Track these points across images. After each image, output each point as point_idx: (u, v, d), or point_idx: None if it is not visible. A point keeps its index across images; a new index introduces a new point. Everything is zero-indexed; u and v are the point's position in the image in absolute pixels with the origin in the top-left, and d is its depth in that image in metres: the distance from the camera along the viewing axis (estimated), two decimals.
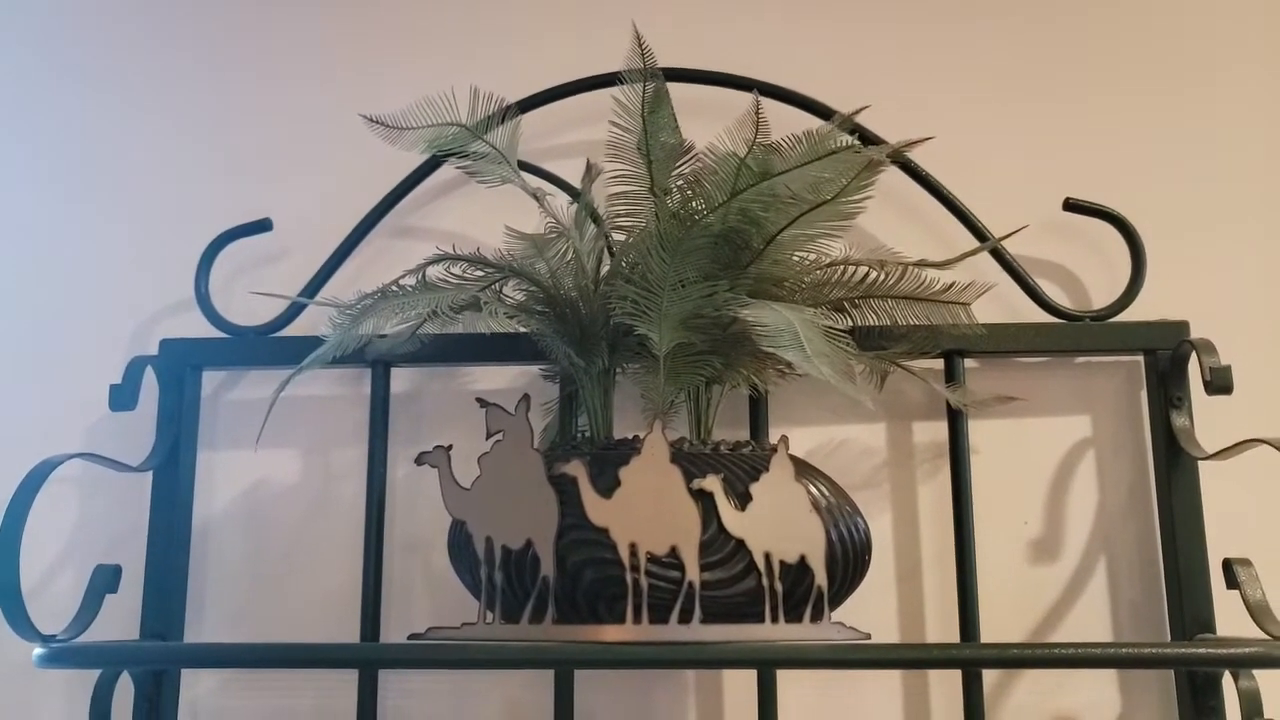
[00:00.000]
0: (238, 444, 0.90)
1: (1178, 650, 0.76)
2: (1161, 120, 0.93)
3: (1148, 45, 0.95)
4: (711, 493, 0.68)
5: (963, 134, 0.92)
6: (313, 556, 0.88)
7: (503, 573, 0.69)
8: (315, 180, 0.95)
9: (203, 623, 0.87)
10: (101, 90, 0.98)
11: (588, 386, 0.76)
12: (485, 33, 0.97)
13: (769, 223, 0.70)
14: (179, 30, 0.99)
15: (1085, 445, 0.88)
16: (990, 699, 0.83)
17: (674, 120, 0.76)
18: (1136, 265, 0.87)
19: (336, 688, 0.84)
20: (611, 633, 0.66)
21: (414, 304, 0.72)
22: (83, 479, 0.89)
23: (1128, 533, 0.86)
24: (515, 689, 0.85)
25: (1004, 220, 0.87)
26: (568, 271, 0.76)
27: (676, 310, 0.70)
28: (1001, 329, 0.85)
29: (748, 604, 0.67)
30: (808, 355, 0.62)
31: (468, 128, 0.74)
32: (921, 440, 0.88)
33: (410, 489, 0.88)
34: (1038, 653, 0.73)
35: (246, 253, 0.91)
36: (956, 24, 0.96)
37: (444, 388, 0.90)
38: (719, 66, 0.90)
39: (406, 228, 0.93)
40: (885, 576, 0.86)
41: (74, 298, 0.94)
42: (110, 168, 0.97)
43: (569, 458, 0.69)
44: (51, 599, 0.87)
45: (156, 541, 0.85)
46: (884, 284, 0.78)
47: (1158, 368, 0.85)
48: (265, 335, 0.88)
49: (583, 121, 0.93)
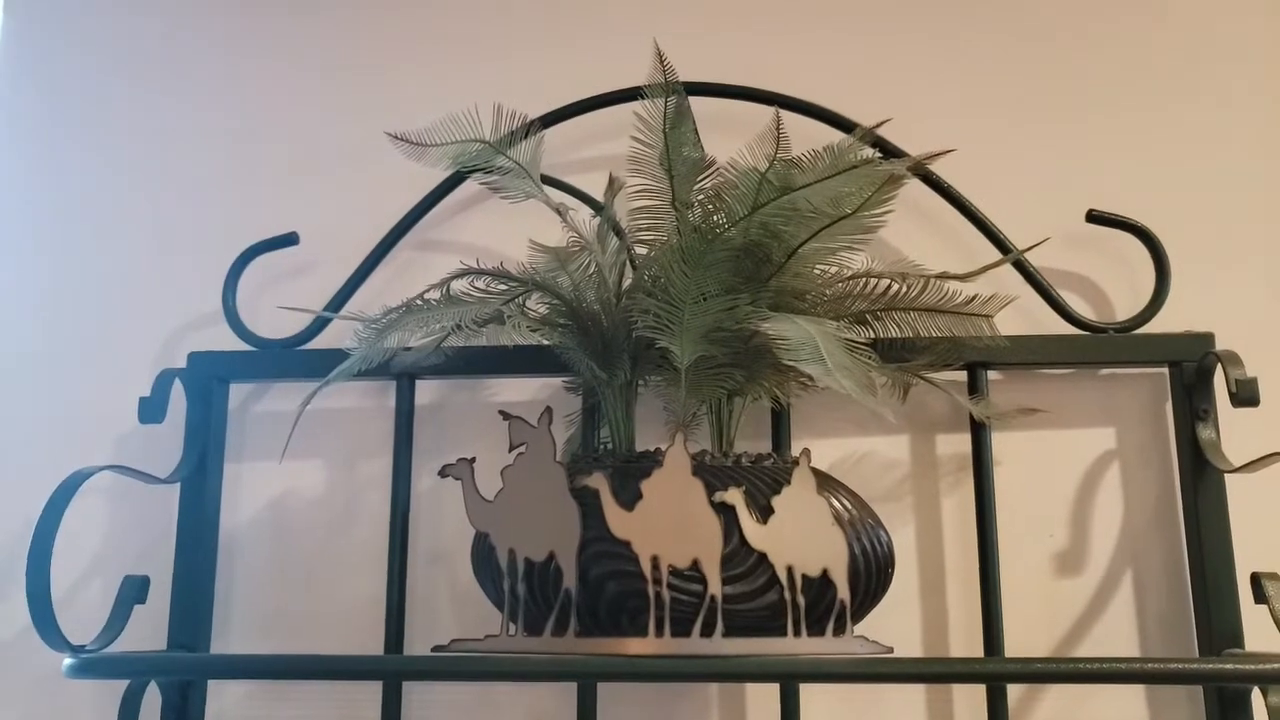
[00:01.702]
0: (264, 456, 0.91)
1: (1207, 666, 0.75)
2: (1185, 131, 0.93)
3: (1170, 57, 0.94)
4: (733, 505, 0.68)
5: (984, 146, 0.92)
6: (337, 568, 0.89)
7: (525, 585, 0.69)
8: (340, 195, 0.96)
9: (229, 633, 0.88)
10: (129, 106, 1.00)
11: (610, 399, 0.77)
12: (509, 48, 0.98)
13: (790, 236, 0.71)
14: (204, 47, 1.00)
15: (1110, 458, 0.87)
16: (1014, 714, 0.82)
17: (695, 134, 0.77)
18: (1160, 277, 0.86)
19: (361, 699, 0.85)
20: (634, 645, 0.66)
21: (439, 318, 0.72)
22: (111, 490, 0.90)
23: (1153, 546, 0.85)
24: (538, 701, 0.86)
25: (1026, 232, 0.86)
26: (590, 285, 0.76)
27: (698, 323, 0.70)
28: (1024, 341, 0.84)
29: (770, 617, 0.67)
30: (828, 368, 0.62)
31: (491, 144, 0.75)
32: (944, 452, 0.88)
33: (434, 501, 0.89)
34: (1064, 667, 0.72)
35: (273, 267, 0.93)
36: (977, 36, 0.96)
37: (467, 400, 0.91)
38: (739, 80, 0.90)
39: (430, 241, 0.94)
40: (908, 590, 0.85)
41: (103, 311, 0.96)
42: (138, 183, 0.98)
43: (591, 470, 0.69)
44: (79, 609, 0.88)
45: (184, 552, 0.86)
46: (906, 296, 0.78)
47: (1183, 380, 0.84)
48: (291, 348, 0.89)
49: (604, 136, 0.93)
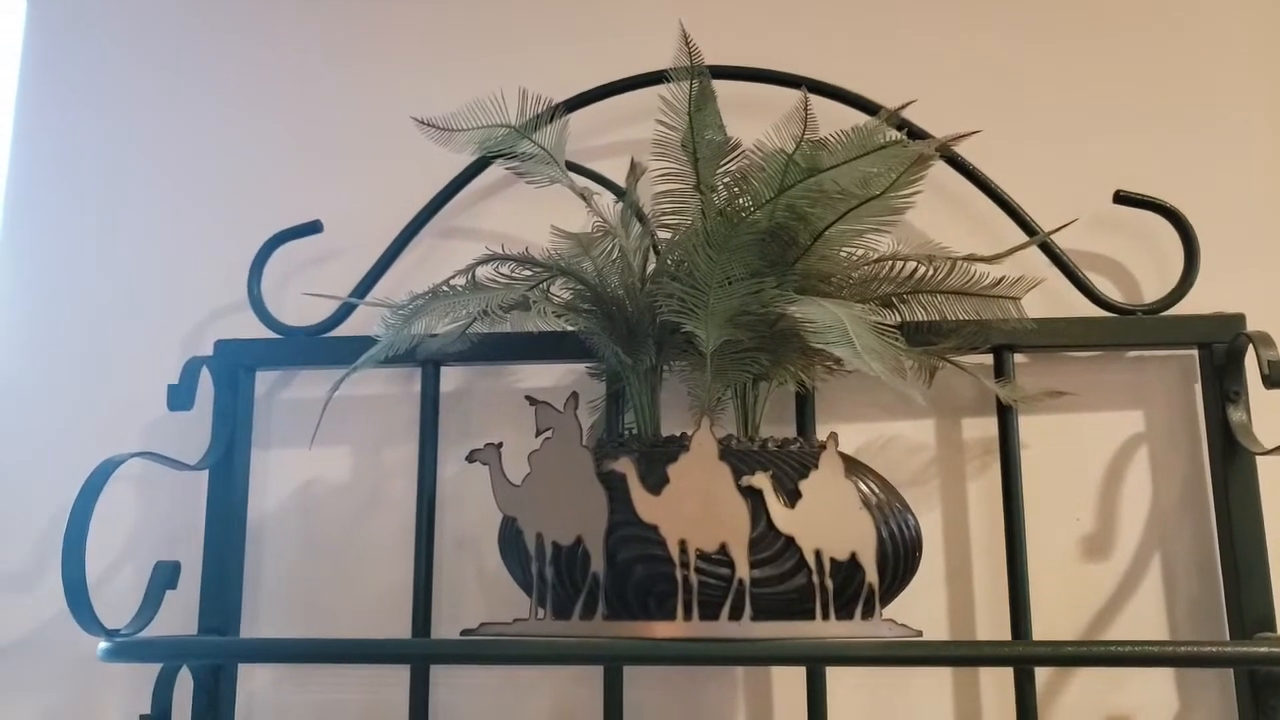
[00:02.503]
0: (290, 442, 0.92)
1: (1240, 649, 0.74)
2: (1212, 111, 0.92)
3: (1197, 36, 0.93)
4: (760, 490, 0.68)
5: (1010, 127, 0.92)
6: (364, 552, 0.89)
7: (553, 568, 0.69)
8: (364, 182, 0.96)
9: (258, 617, 0.89)
10: (153, 96, 1.00)
11: (635, 384, 0.76)
12: (531, 32, 0.98)
13: (817, 219, 0.70)
14: (228, 35, 1.01)
15: (1138, 440, 0.87)
16: (1042, 698, 0.82)
17: (719, 118, 0.76)
18: (1189, 257, 0.85)
19: (388, 682, 0.86)
20: (662, 629, 0.66)
21: (464, 304, 0.72)
22: (140, 477, 0.91)
23: (1183, 529, 0.85)
24: (564, 684, 0.86)
25: (1053, 213, 0.86)
26: (614, 270, 0.76)
27: (723, 307, 0.70)
28: (1051, 323, 0.84)
29: (798, 601, 0.67)
30: (857, 351, 0.62)
31: (516, 129, 0.74)
32: (971, 436, 0.88)
33: (459, 486, 0.89)
34: (1096, 651, 0.71)
35: (297, 255, 0.93)
36: (1002, 16, 0.95)
37: (491, 386, 0.91)
38: (761, 63, 0.90)
39: (453, 228, 0.94)
40: (934, 573, 0.85)
41: (129, 300, 0.96)
42: (164, 173, 0.99)
43: (618, 455, 0.69)
44: (111, 594, 0.89)
45: (213, 538, 0.86)
46: (933, 279, 0.77)
47: (1213, 361, 0.83)
48: (317, 336, 0.90)
49: (626, 120, 0.93)
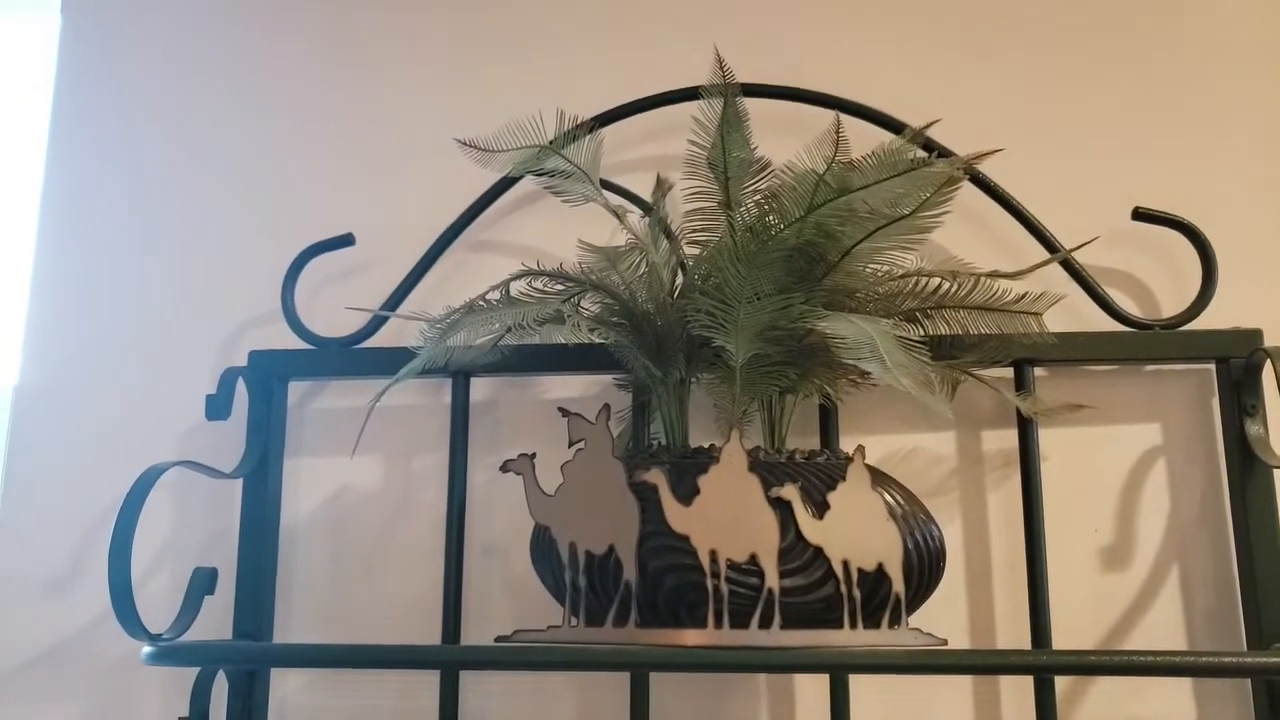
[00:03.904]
0: (323, 452, 0.93)
1: (1259, 659, 0.75)
2: (1230, 128, 0.93)
3: (1217, 54, 0.94)
4: (790, 501, 0.69)
5: (1030, 145, 0.93)
6: (394, 560, 0.91)
7: (585, 577, 0.71)
8: (396, 195, 0.98)
9: (290, 623, 0.91)
10: (188, 110, 1.02)
11: (663, 396, 0.78)
12: (561, 47, 1.00)
13: (845, 236, 0.72)
14: (262, 48, 1.03)
15: (1156, 453, 0.88)
16: (1062, 707, 0.83)
17: (748, 137, 0.78)
18: (1207, 273, 0.87)
19: (417, 687, 0.87)
20: (693, 637, 0.68)
21: (499, 317, 0.74)
22: (175, 485, 0.93)
23: (1201, 541, 0.86)
24: (591, 691, 0.87)
25: (1073, 230, 0.87)
26: (642, 284, 0.78)
27: (752, 322, 0.72)
28: (1071, 338, 0.85)
29: (826, 610, 0.69)
30: (887, 366, 0.63)
31: (553, 149, 0.76)
32: (991, 448, 0.89)
33: (488, 495, 0.91)
34: (1118, 660, 0.72)
35: (330, 267, 0.95)
36: (1024, 35, 0.96)
37: (519, 396, 0.93)
38: (787, 80, 0.91)
39: (483, 242, 0.96)
40: (955, 583, 0.87)
41: (165, 312, 0.98)
42: (199, 186, 1.01)
43: (649, 466, 0.71)
44: (147, 599, 0.90)
45: (247, 545, 0.88)
46: (956, 295, 0.79)
47: (1230, 376, 0.84)
48: (349, 347, 0.91)
49: (651, 136, 0.95)
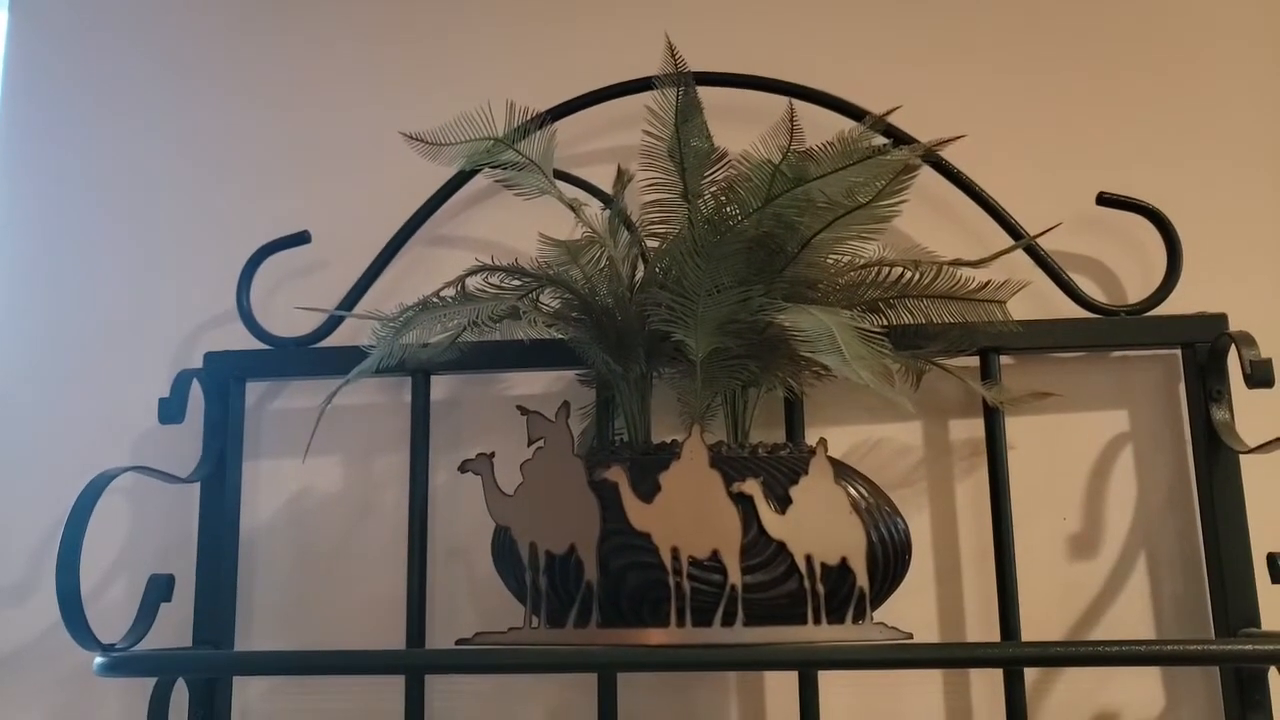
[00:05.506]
0: (281, 453, 0.92)
1: (1224, 647, 0.75)
2: (1195, 112, 0.92)
3: (1181, 38, 0.94)
4: (751, 496, 0.68)
5: (993, 130, 0.92)
6: (356, 562, 0.89)
7: (547, 578, 0.70)
8: (351, 192, 0.96)
9: (251, 629, 0.89)
10: (139, 107, 1.00)
11: (625, 392, 0.77)
12: (516, 41, 0.98)
13: (804, 227, 0.71)
14: (214, 46, 1.00)
15: (1123, 440, 0.88)
16: (1031, 696, 0.83)
17: (705, 126, 0.77)
18: (1172, 258, 0.86)
19: (383, 690, 0.86)
20: (656, 636, 0.67)
21: (455, 314, 0.73)
22: (131, 490, 0.91)
23: (1168, 528, 0.86)
24: (559, 691, 0.86)
25: (1037, 216, 0.86)
26: (603, 278, 0.77)
27: (712, 315, 0.70)
28: (1037, 325, 0.84)
29: (790, 606, 0.68)
30: (846, 359, 0.62)
31: (504, 141, 0.74)
32: (958, 438, 0.88)
33: (451, 495, 0.89)
34: (1083, 651, 0.72)
35: (285, 266, 0.93)
36: (985, 19, 0.95)
37: (481, 394, 0.92)
38: (744, 68, 0.90)
39: (441, 237, 0.95)
40: (923, 575, 0.86)
41: (118, 314, 0.96)
42: (152, 185, 0.98)
43: (609, 463, 0.70)
44: (103, 607, 0.89)
45: (206, 550, 0.86)
46: (919, 284, 0.78)
47: (1196, 361, 0.84)
48: (306, 346, 0.90)
49: (612, 127, 0.93)
